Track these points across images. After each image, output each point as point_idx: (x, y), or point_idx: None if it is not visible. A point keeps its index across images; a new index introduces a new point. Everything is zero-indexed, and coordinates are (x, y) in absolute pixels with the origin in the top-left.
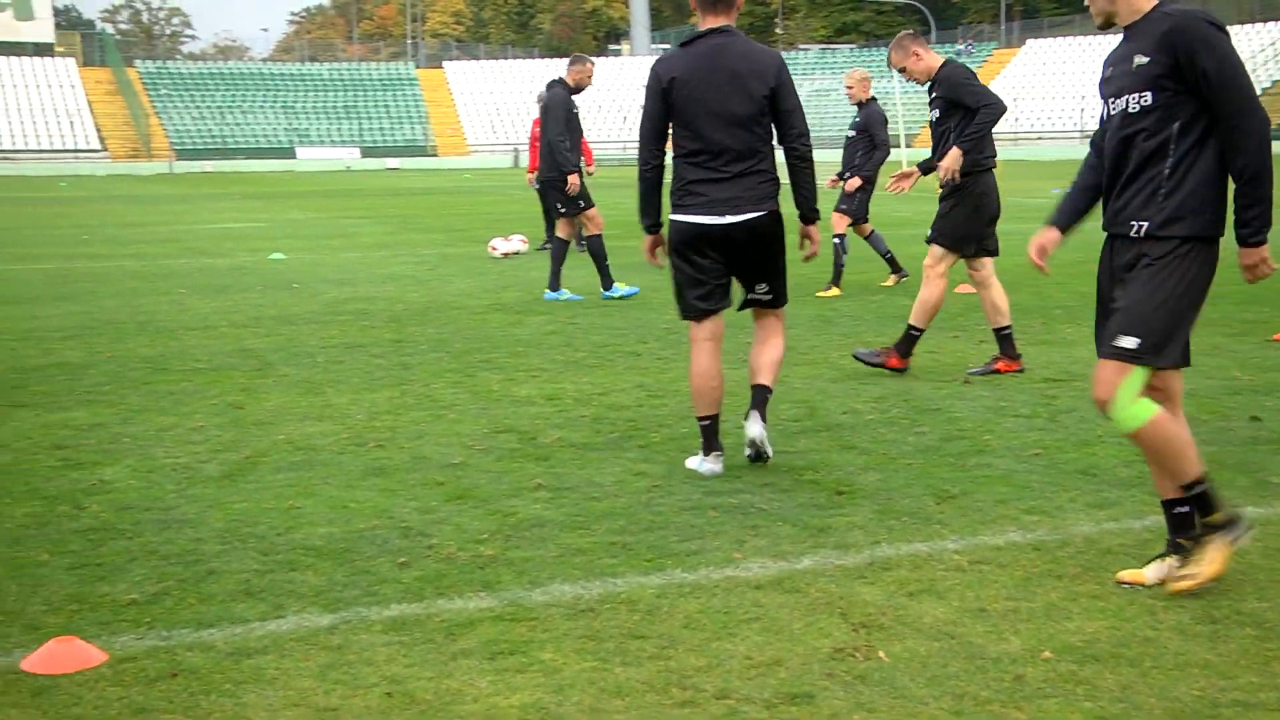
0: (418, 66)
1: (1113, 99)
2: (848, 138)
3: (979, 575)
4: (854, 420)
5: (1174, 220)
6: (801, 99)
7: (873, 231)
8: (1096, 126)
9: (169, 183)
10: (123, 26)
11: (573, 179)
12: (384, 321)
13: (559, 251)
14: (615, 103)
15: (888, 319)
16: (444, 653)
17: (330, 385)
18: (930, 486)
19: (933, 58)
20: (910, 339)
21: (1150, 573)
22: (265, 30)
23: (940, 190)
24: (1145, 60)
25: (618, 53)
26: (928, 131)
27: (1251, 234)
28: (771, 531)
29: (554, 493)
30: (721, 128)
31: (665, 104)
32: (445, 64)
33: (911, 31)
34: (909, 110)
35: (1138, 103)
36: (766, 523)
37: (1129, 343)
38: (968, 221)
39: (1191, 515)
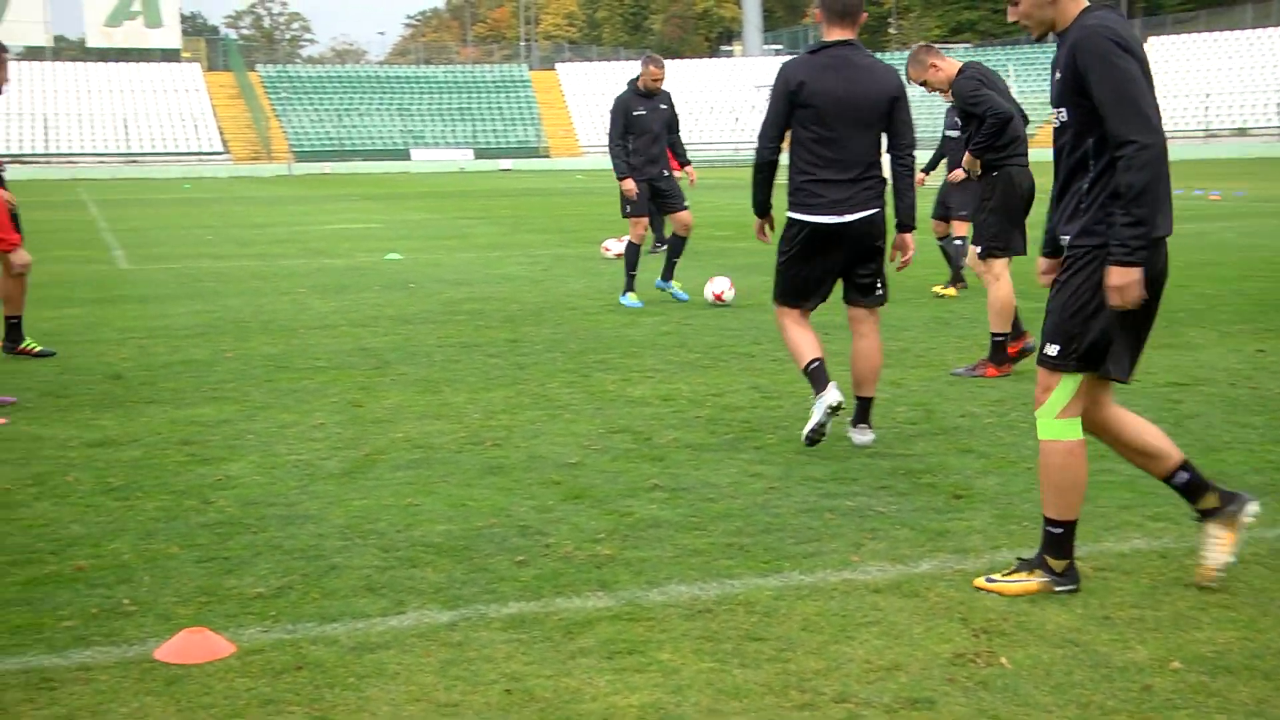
0: (531, 68)
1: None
2: (948, 137)
3: (1103, 582)
4: (972, 423)
5: (1088, 231)
6: (912, 98)
7: (951, 236)
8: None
9: (288, 184)
10: (245, 32)
11: (625, 184)
12: (499, 321)
13: (676, 245)
14: (727, 104)
15: None
16: (562, 651)
17: (447, 384)
18: None
19: (950, 66)
20: (999, 345)
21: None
22: (381, 34)
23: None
24: (1059, 75)
25: (730, 54)
26: (1044, 131)
27: (1125, 254)
28: (889, 535)
29: (670, 493)
30: (844, 134)
31: (790, 106)
32: (558, 66)
33: (926, 44)
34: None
35: (1058, 118)
36: (884, 526)
37: (1051, 350)
38: (997, 218)
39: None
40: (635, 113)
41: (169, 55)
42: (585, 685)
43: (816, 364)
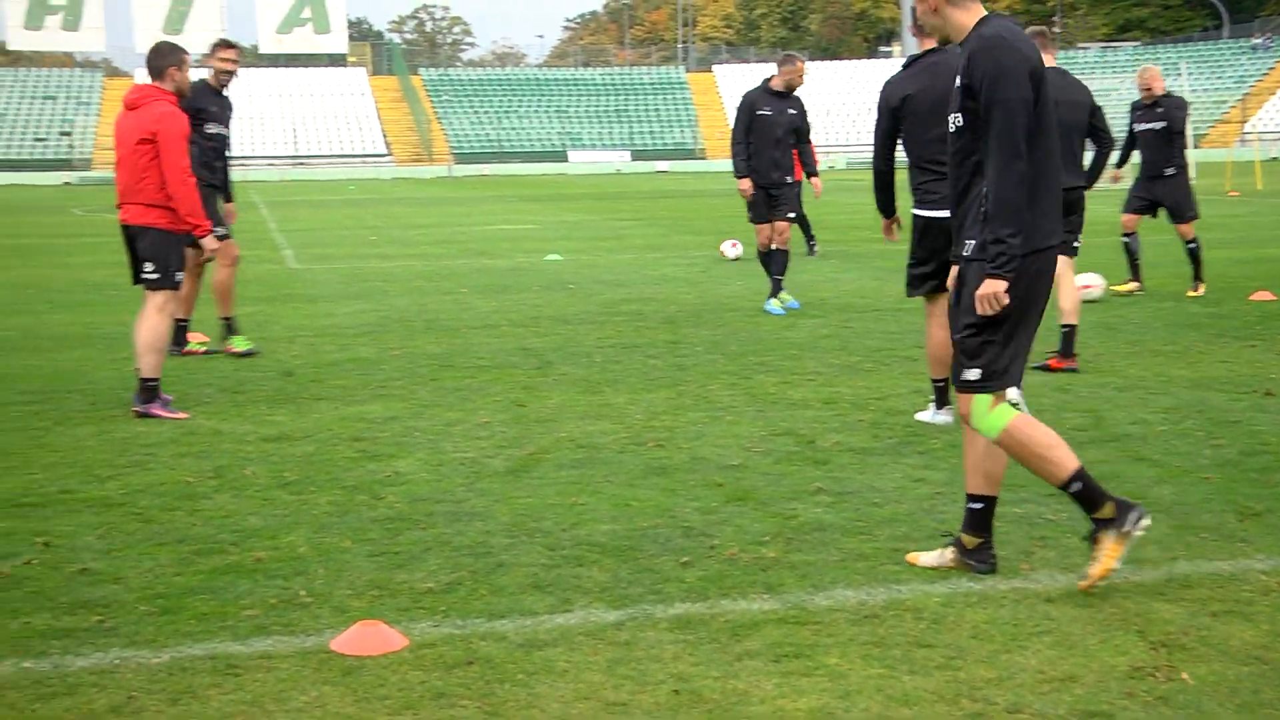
0: (688, 70)
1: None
2: (1148, 131)
3: None
4: (1144, 431)
5: (984, 246)
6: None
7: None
8: None
9: (448, 185)
10: (408, 36)
11: (741, 184)
12: (658, 323)
13: (772, 261)
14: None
15: (1177, 326)
16: (729, 653)
17: (608, 385)
18: (1231, 502)
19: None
20: (1069, 338)
21: (925, 559)
22: (541, 37)
23: None
24: (957, 82)
25: (888, 55)
26: (1216, 131)
27: (992, 266)
28: (1060, 543)
29: (834, 497)
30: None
31: (895, 120)
32: (715, 67)
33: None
34: (1197, 110)
35: (954, 123)
36: (1055, 534)
37: (972, 375)
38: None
39: (980, 514)
40: (759, 112)
41: (336, 60)
42: (753, 688)
43: (942, 383)
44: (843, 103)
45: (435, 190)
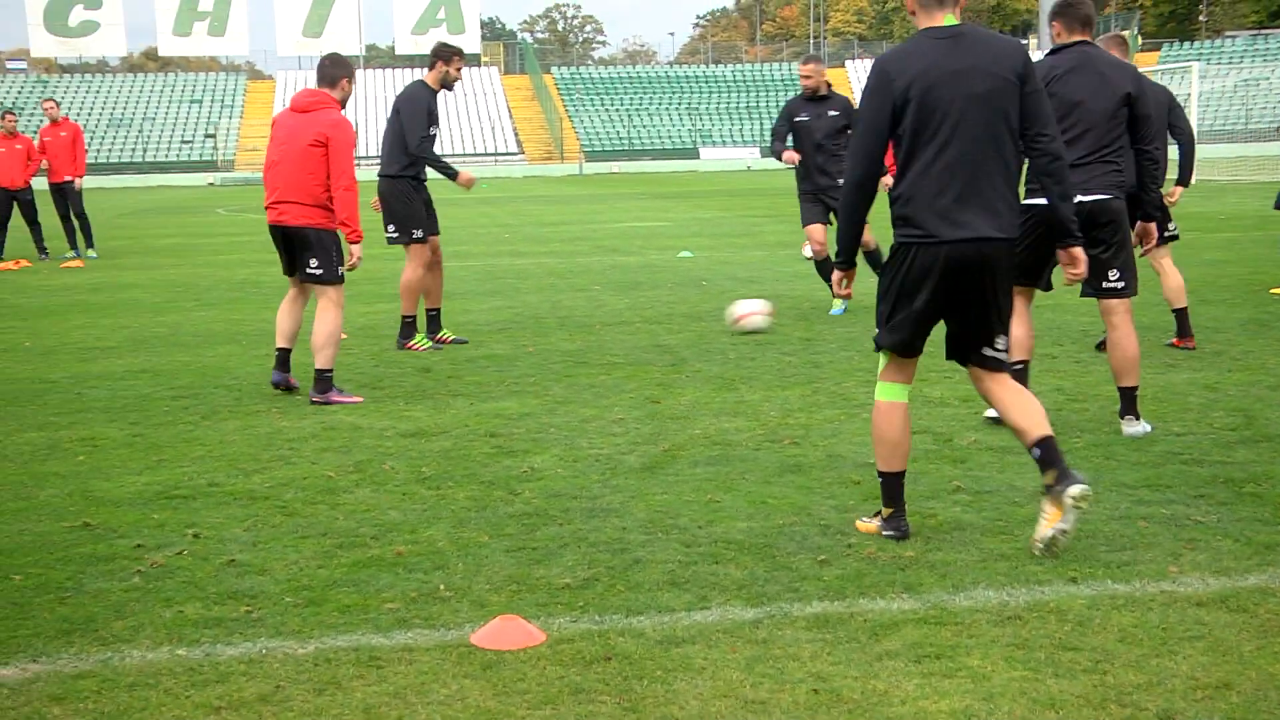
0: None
1: None
2: None
3: None
4: None
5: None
6: (1230, 89)
7: None
8: None
9: (579, 183)
10: (540, 35)
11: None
12: (792, 319)
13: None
14: None
15: None
16: (868, 653)
17: (743, 381)
18: None
19: None
20: (1181, 319)
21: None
22: (671, 34)
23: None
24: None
25: (1025, 46)
26: None
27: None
28: (1211, 546)
29: (973, 496)
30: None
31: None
32: (847, 62)
33: None
34: None
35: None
36: (1204, 536)
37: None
38: None
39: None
40: (797, 119)
41: (469, 60)
42: (893, 688)
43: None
44: None
45: (566, 188)
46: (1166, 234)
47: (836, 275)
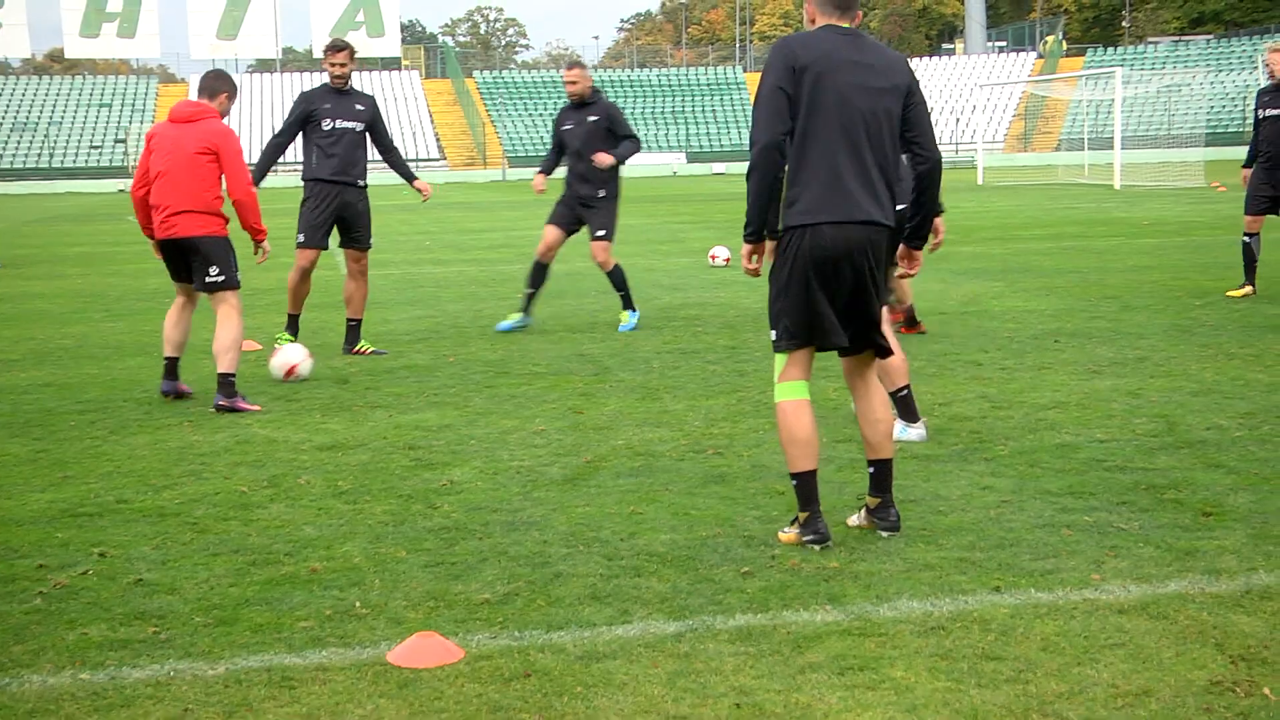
0: (745, 70)
1: None
2: (1273, 118)
3: None
4: (1220, 437)
5: None
6: (1153, 95)
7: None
8: None
9: (502, 189)
10: (462, 39)
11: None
12: (717, 328)
13: None
14: (949, 104)
15: (1253, 329)
16: (791, 665)
17: (666, 391)
18: None
19: None
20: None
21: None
22: (596, 38)
23: None
24: None
25: (950, 52)
26: None
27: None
28: (1132, 553)
29: (898, 505)
30: None
31: None
32: None
33: None
34: None
35: None
36: (1126, 543)
37: (771, 336)
38: None
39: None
40: (563, 128)
41: (389, 64)
42: (816, 701)
43: None
44: None
45: (489, 195)
46: None
47: (745, 249)
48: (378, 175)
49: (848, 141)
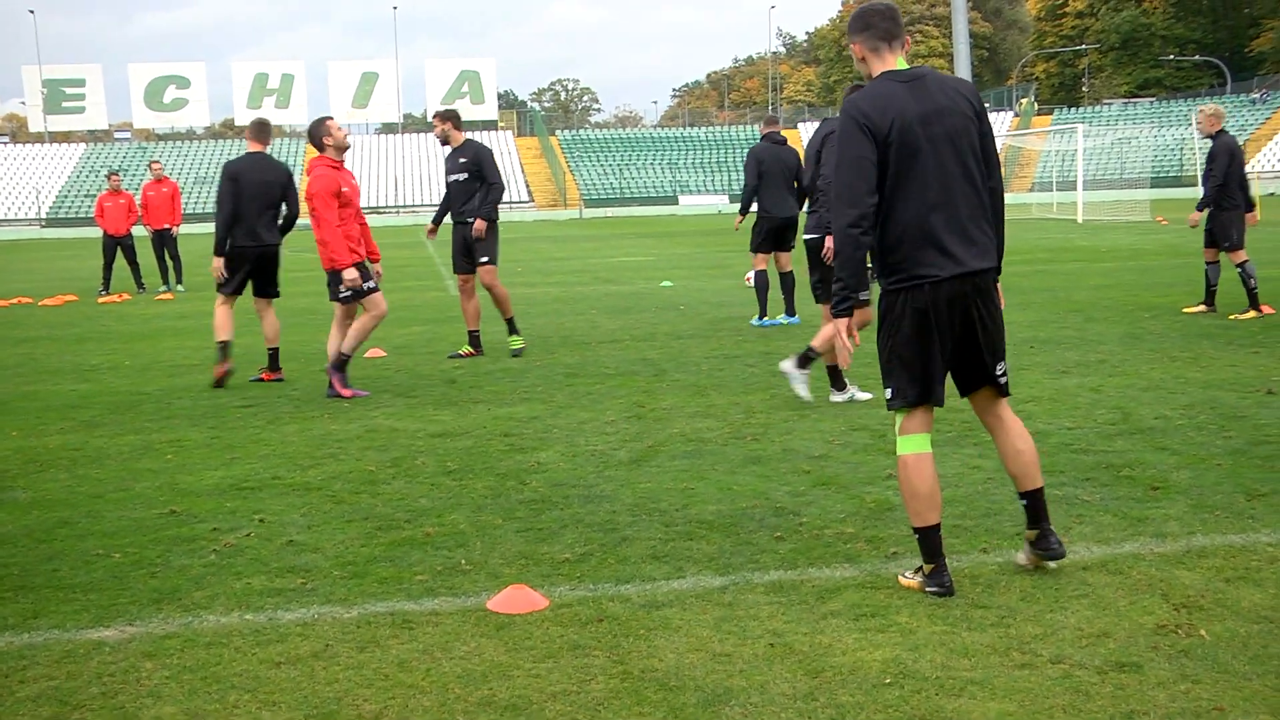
0: None
1: None
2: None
3: None
4: (1165, 425)
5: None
6: (1108, 145)
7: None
8: None
9: (579, 226)
10: (546, 104)
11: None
12: (755, 336)
13: (786, 282)
14: None
15: (1191, 336)
16: (816, 613)
17: (713, 389)
18: (1241, 485)
19: None
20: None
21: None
22: (655, 102)
23: None
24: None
25: None
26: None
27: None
28: (1094, 520)
29: (888, 479)
30: None
31: None
32: (799, 125)
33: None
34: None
35: None
36: (1090, 512)
37: (885, 393)
38: None
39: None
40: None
41: (488, 125)
42: (836, 641)
43: None
44: None
45: (569, 230)
46: None
47: (843, 323)
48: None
49: (935, 196)
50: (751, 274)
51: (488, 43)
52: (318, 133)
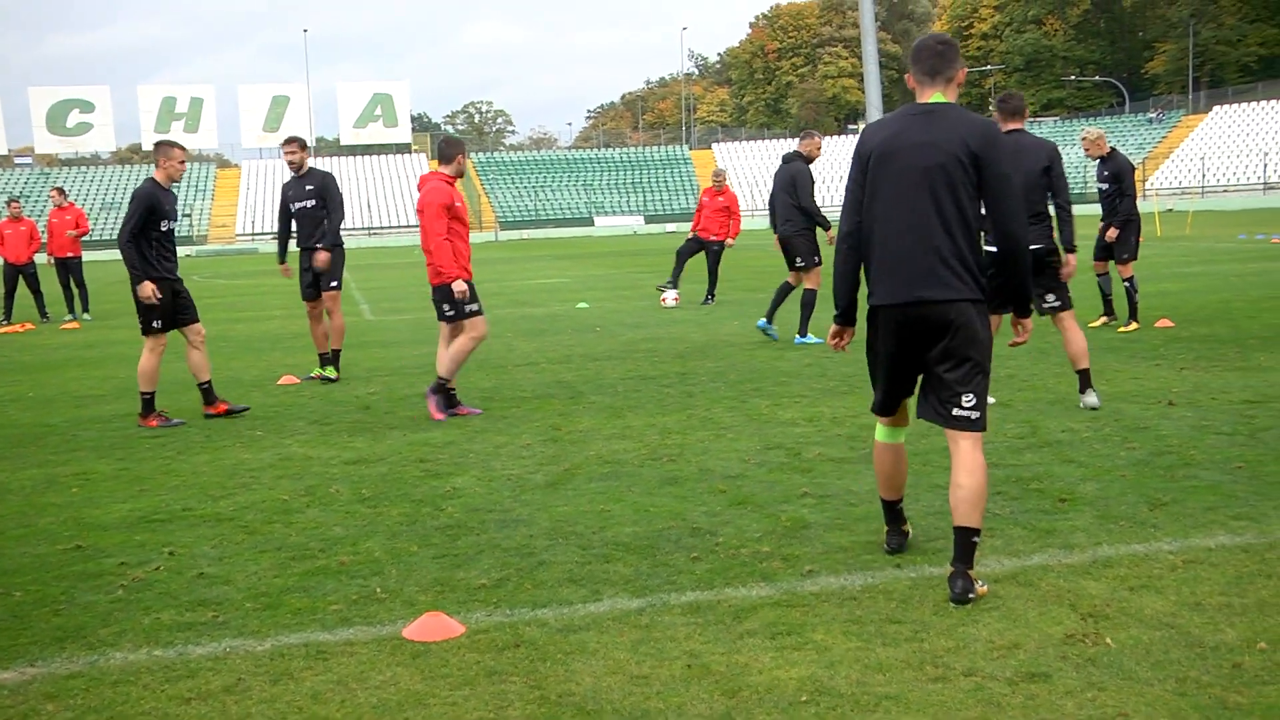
0: (690, 148)
1: None
2: (1101, 190)
3: (1193, 573)
4: (1072, 438)
5: None
6: None
7: (1106, 272)
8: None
9: (495, 248)
10: (460, 127)
11: (830, 233)
12: (671, 357)
13: (808, 298)
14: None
15: (1096, 350)
16: (732, 632)
17: (629, 410)
18: (1144, 495)
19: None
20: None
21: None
22: (569, 124)
23: None
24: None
25: (855, 131)
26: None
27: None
28: (1005, 533)
29: (818, 499)
30: None
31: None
32: (713, 145)
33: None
34: None
35: None
36: (1000, 525)
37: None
38: None
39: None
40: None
41: (401, 148)
42: (753, 661)
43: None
44: (818, 173)
45: (484, 252)
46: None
47: (833, 329)
48: (393, 239)
49: (901, 224)
50: (671, 295)
51: (404, 66)
52: (452, 152)
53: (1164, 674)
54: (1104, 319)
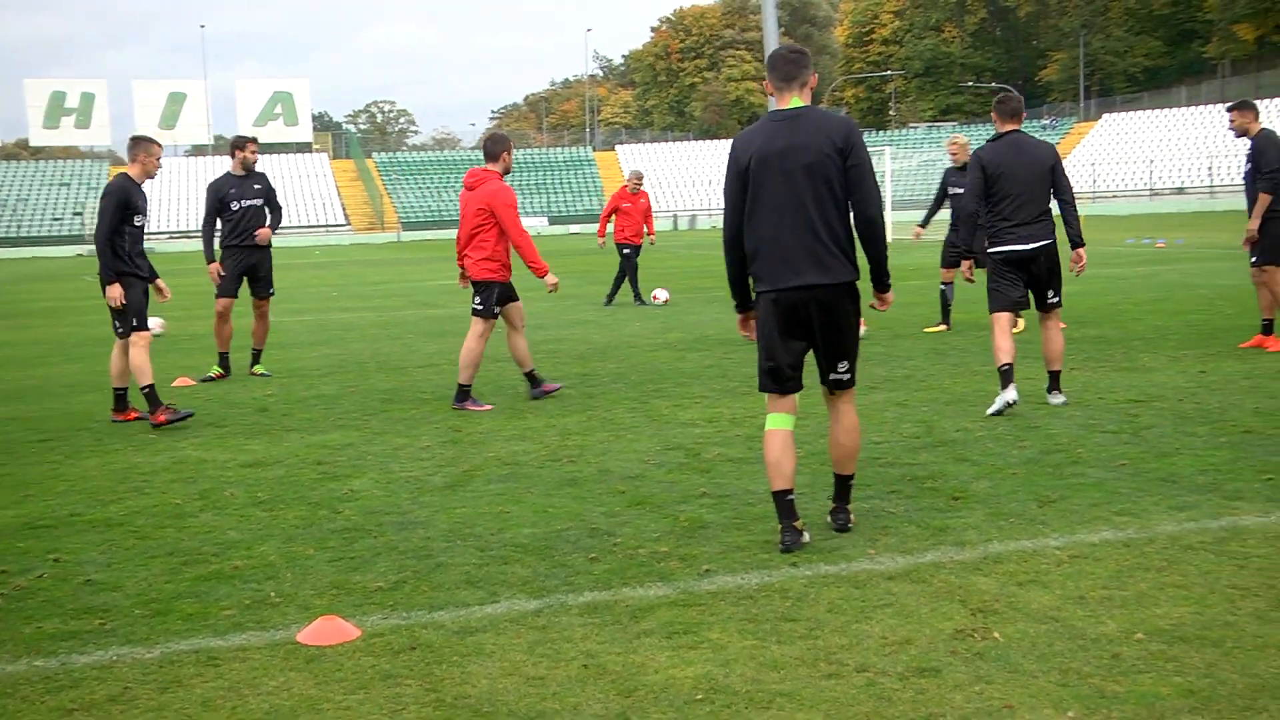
0: (595, 149)
1: None
2: (954, 194)
3: (1077, 568)
4: (966, 437)
5: None
6: (914, 168)
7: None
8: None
9: (398, 249)
10: (363, 126)
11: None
12: (572, 359)
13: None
14: None
15: (990, 351)
16: (629, 632)
17: (530, 411)
18: (1033, 493)
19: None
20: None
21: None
22: (473, 125)
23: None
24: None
25: None
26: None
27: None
28: (899, 531)
29: (716, 499)
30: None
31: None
32: (617, 147)
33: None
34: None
35: None
36: (895, 524)
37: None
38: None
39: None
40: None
41: (302, 147)
42: (649, 660)
43: (1007, 367)
44: (721, 174)
45: (387, 253)
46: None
47: (739, 319)
48: (295, 238)
49: (783, 218)
50: (663, 294)
51: (306, 65)
52: (498, 149)
53: (1048, 665)
54: (941, 326)
